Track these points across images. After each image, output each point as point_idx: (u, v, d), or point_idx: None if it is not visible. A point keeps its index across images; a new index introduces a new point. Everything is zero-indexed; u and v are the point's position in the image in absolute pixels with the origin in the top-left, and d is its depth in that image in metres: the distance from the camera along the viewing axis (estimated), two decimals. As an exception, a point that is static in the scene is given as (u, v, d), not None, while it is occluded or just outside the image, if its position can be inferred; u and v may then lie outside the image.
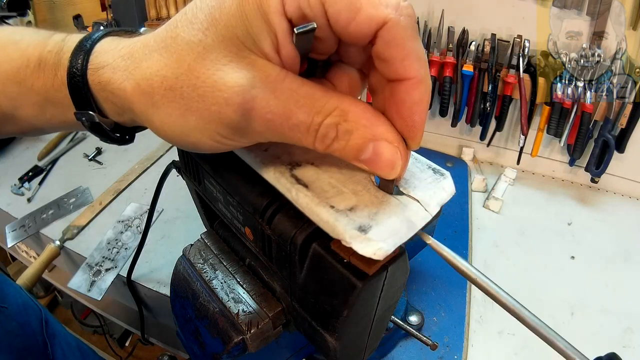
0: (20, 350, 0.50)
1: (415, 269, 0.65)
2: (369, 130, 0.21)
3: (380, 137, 0.21)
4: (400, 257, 0.25)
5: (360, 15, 0.19)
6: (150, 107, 0.22)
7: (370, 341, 0.32)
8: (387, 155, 0.21)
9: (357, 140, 0.21)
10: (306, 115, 0.20)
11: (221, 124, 0.21)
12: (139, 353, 1.36)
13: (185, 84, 0.21)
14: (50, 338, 0.55)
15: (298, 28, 0.19)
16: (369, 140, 0.21)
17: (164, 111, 0.22)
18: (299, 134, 0.21)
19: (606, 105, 0.72)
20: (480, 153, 0.93)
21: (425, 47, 0.82)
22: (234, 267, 0.38)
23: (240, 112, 0.20)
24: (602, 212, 0.80)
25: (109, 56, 0.24)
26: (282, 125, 0.21)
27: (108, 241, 0.73)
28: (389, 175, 0.22)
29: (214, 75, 0.20)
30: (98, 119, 0.25)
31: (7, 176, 0.88)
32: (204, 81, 0.20)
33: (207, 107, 0.20)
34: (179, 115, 0.21)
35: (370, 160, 0.21)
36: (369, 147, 0.21)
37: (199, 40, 0.20)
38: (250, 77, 0.20)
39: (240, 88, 0.20)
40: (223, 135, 0.22)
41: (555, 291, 0.64)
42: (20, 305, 0.55)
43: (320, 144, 0.21)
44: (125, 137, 0.28)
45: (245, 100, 0.20)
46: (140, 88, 0.22)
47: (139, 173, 0.88)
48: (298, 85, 0.20)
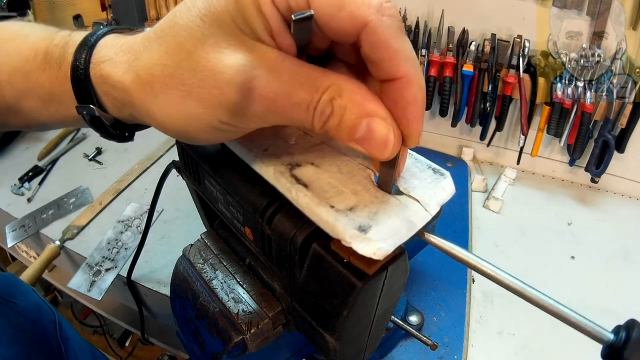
0: (27, 345, 0.50)
1: (415, 269, 0.65)
2: (362, 106, 0.20)
3: (374, 114, 0.21)
4: (400, 257, 0.25)
5: (343, 12, 0.19)
6: (150, 97, 0.22)
7: (370, 341, 0.32)
8: (380, 132, 0.21)
9: (350, 117, 0.21)
10: (306, 93, 0.20)
11: (222, 108, 0.21)
12: (139, 353, 1.36)
13: (186, 70, 0.21)
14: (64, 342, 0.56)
15: (295, 15, 0.19)
16: (362, 116, 0.20)
17: (164, 99, 0.22)
18: (298, 113, 0.21)
19: (606, 105, 0.72)
20: (480, 153, 0.93)
21: (425, 47, 0.82)
22: (234, 267, 0.38)
23: (242, 92, 0.20)
24: (602, 212, 0.80)
25: (111, 50, 0.24)
26: (284, 104, 0.21)
27: (108, 241, 0.73)
28: (383, 154, 0.22)
29: (214, 59, 0.20)
30: (98, 113, 0.25)
31: (7, 176, 0.88)
32: (204, 65, 0.20)
33: (208, 91, 0.21)
34: (179, 101, 0.21)
35: (364, 139, 0.21)
36: (362, 125, 0.20)
37: (197, 26, 0.20)
38: (251, 59, 0.20)
39: (241, 68, 0.20)
40: (223, 121, 0.22)
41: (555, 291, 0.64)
42: (32, 304, 0.55)
43: (318, 121, 0.21)
44: (125, 134, 0.28)
45: (246, 80, 0.20)
46: (140, 79, 0.22)
47: (139, 173, 0.88)
48: (298, 66, 0.21)
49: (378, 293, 0.26)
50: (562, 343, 0.57)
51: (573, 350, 0.55)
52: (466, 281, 0.64)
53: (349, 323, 0.26)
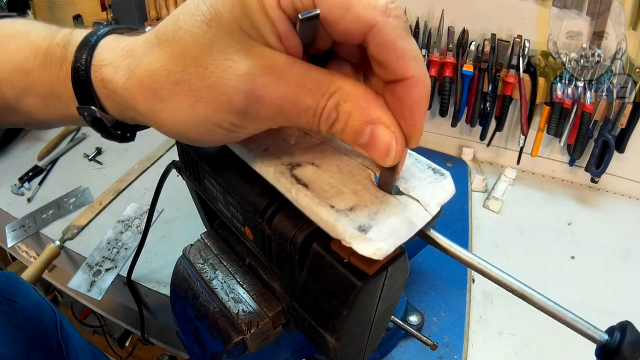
0: (26, 344, 0.50)
1: (415, 269, 0.65)
2: (366, 112, 0.21)
3: (378, 120, 0.21)
4: (400, 257, 0.25)
5: (350, 14, 0.19)
6: (156, 103, 0.22)
7: (370, 341, 0.32)
8: (383, 139, 0.21)
9: (355, 122, 0.21)
10: (313, 100, 0.21)
11: (231, 112, 0.21)
12: (139, 353, 1.36)
13: (193, 76, 0.21)
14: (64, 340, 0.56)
15: (302, 14, 0.19)
16: (367, 122, 0.21)
17: (172, 105, 0.22)
18: (306, 117, 0.21)
19: (606, 105, 0.72)
20: (480, 153, 0.93)
21: (425, 47, 0.82)
22: (234, 267, 0.38)
23: (251, 99, 0.20)
24: (602, 212, 0.80)
25: (112, 54, 0.24)
26: (291, 110, 0.21)
27: (108, 241, 0.73)
28: (385, 161, 0.22)
29: (222, 65, 0.20)
30: (99, 115, 0.25)
31: (7, 176, 0.88)
32: (212, 72, 0.20)
33: (217, 97, 0.21)
34: (187, 107, 0.21)
35: (367, 144, 0.21)
36: (366, 130, 0.21)
37: (203, 32, 0.20)
38: (259, 65, 0.20)
39: (250, 76, 0.20)
40: (233, 124, 0.22)
41: (555, 291, 0.64)
42: (33, 303, 0.55)
43: (324, 126, 0.21)
44: (126, 135, 0.28)
45: (255, 87, 0.20)
46: (145, 85, 0.22)
47: (139, 173, 0.88)
48: (305, 71, 0.21)
49: (378, 293, 0.26)
50: (562, 343, 0.57)
51: (573, 350, 0.55)
52: (466, 281, 0.64)
53: (349, 323, 0.26)
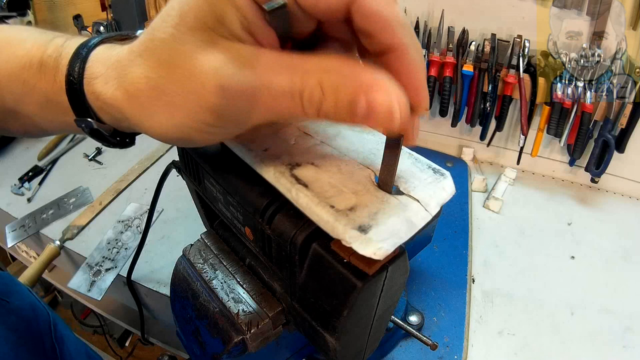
0: (18, 345, 0.50)
1: (415, 269, 0.65)
2: (354, 78, 0.19)
3: (370, 83, 0.19)
4: (400, 257, 0.25)
5: None
6: (141, 111, 0.22)
7: (370, 341, 0.32)
8: (381, 102, 0.19)
9: (345, 95, 0.19)
10: (286, 80, 0.19)
11: (205, 112, 0.21)
12: (139, 353, 1.36)
13: (167, 80, 0.21)
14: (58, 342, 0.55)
15: (267, 5, 0.19)
16: (358, 90, 0.19)
17: (152, 111, 0.22)
18: (284, 102, 0.20)
19: (606, 105, 0.72)
20: (480, 153, 0.93)
21: (425, 47, 0.82)
22: (234, 267, 0.38)
23: (221, 95, 0.20)
24: (602, 212, 0.80)
25: (102, 66, 0.24)
26: (267, 97, 0.20)
27: (108, 241, 0.73)
28: (393, 125, 0.19)
29: (189, 65, 0.20)
30: (96, 125, 0.25)
31: (7, 176, 0.88)
32: (182, 73, 0.20)
33: (187, 97, 0.21)
34: (164, 112, 0.22)
35: (367, 114, 0.19)
36: (361, 99, 0.19)
37: (171, 36, 0.20)
38: (224, 59, 0.20)
39: (215, 70, 0.20)
40: (211, 124, 0.22)
41: (555, 291, 0.64)
42: (26, 304, 0.55)
43: (310, 108, 0.20)
44: (126, 141, 0.28)
45: (222, 81, 0.20)
46: (129, 93, 0.22)
47: (139, 173, 0.88)
48: (275, 57, 0.20)
49: (378, 293, 0.26)
50: (562, 343, 0.57)
51: (573, 350, 0.56)
52: (466, 281, 0.64)
53: (349, 323, 0.26)
